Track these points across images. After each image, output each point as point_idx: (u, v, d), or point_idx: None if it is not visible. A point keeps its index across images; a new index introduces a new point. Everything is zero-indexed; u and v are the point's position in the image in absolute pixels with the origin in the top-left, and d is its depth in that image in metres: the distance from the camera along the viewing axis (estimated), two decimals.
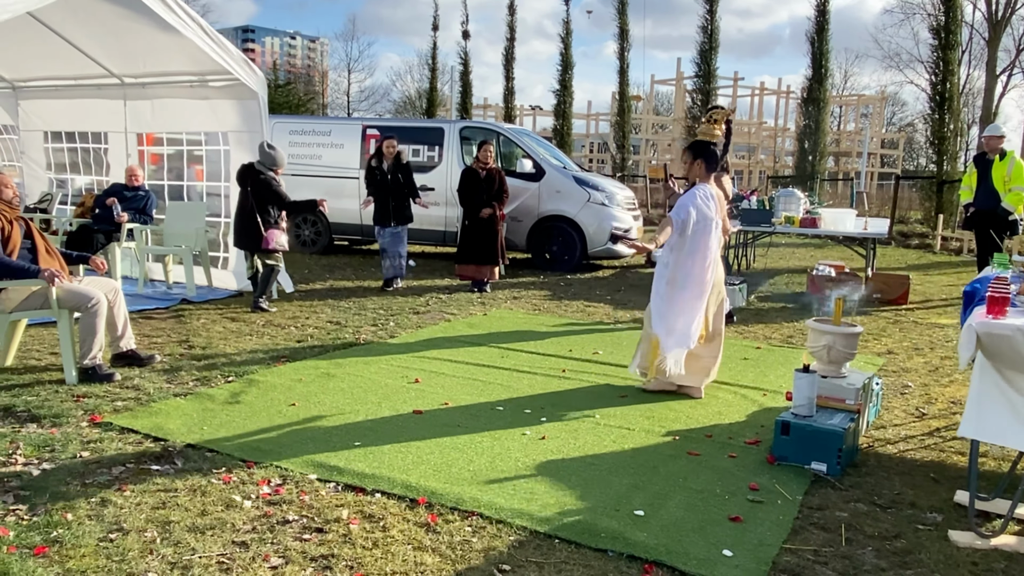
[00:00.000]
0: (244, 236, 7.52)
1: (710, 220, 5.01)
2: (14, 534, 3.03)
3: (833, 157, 41.06)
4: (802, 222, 9.66)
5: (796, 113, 27.32)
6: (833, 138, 41.66)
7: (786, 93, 38.95)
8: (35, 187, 10.62)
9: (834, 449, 3.92)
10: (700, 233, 4.99)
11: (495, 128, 11.85)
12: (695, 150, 5.14)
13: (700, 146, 5.14)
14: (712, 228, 5.03)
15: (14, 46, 8.87)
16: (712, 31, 22.43)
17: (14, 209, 5.17)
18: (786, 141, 40.10)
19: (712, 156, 5.12)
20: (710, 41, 22.57)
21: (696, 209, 4.95)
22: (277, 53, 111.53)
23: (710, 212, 5.01)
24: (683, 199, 5.04)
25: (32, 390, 4.88)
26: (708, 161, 5.11)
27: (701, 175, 5.12)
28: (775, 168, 36.38)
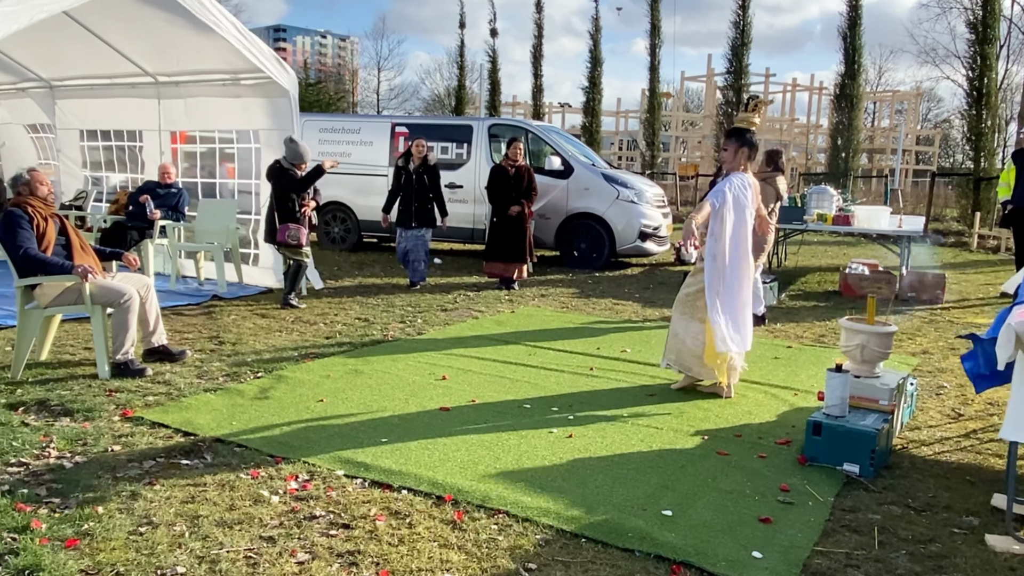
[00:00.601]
0: (267, 230, 7.67)
1: (744, 209, 4.94)
2: (46, 526, 3.07)
3: (867, 154, 40.45)
4: (835, 219, 9.52)
5: (829, 109, 26.96)
6: (867, 135, 41.06)
7: (819, 89, 38.44)
8: (71, 185, 10.79)
9: (867, 450, 3.85)
10: (738, 221, 4.92)
11: (524, 125, 11.82)
12: (740, 137, 5.01)
13: (742, 133, 5.03)
14: (747, 217, 4.96)
15: (51, 45, 9.01)
16: (744, 27, 22.19)
17: (49, 206, 5.25)
18: (819, 138, 39.59)
19: (754, 145, 5.05)
20: (742, 37, 22.33)
21: (732, 194, 4.88)
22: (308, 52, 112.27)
23: (746, 200, 4.94)
24: (719, 184, 4.98)
25: (66, 384, 4.95)
26: (751, 149, 5.03)
27: (742, 163, 5.03)
28: (807, 165, 35.93)
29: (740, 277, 4.95)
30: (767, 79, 34.92)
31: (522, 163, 9.02)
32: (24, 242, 4.96)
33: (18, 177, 5.23)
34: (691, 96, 54.75)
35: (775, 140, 37.25)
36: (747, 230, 4.98)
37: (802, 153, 39.30)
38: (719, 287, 4.91)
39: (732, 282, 4.92)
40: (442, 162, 11.34)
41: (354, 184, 11.85)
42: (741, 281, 4.95)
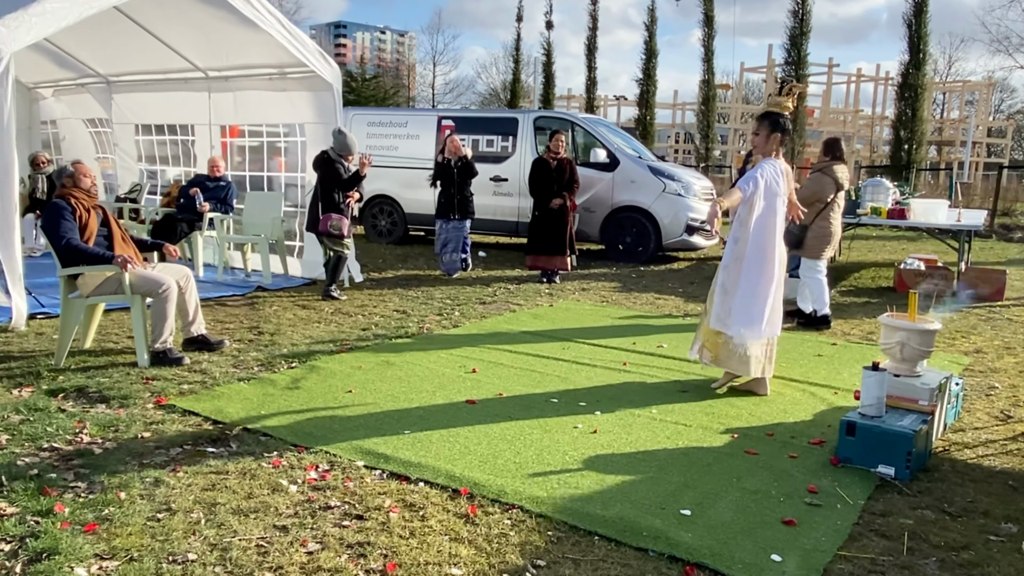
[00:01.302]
0: (309, 220, 7.74)
1: (776, 196, 4.80)
2: (69, 511, 3.14)
3: (935, 146, 39.17)
4: (890, 213, 9.21)
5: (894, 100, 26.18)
6: (935, 126, 39.72)
7: (884, 80, 37.30)
8: (127, 178, 11.09)
9: (903, 452, 3.70)
10: (767, 209, 4.78)
11: (569, 118, 11.73)
12: (772, 122, 4.85)
13: (776, 118, 4.87)
14: (779, 205, 4.82)
15: (108, 42, 9.26)
16: (803, 15, 21.63)
17: (92, 198, 5.38)
18: (884, 130, 38.43)
19: (787, 130, 4.90)
20: (801, 26, 21.77)
21: (764, 181, 4.74)
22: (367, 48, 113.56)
23: (778, 188, 4.80)
24: (751, 171, 4.84)
25: (106, 372, 5.08)
26: (784, 134, 4.88)
27: (774, 149, 4.88)
28: (872, 158, 34.93)
29: (762, 265, 4.79)
30: (830, 69, 34.05)
31: (564, 155, 8.95)
32: (66, 233, 5.09)
33: (63, 170, 5.38)
34: (751, 88, 53.76)
35: (838, 132, 36.37)
36: (776, 219, 4.83)
37: (867, 145, 38.24)
38: (735, 270, 4.80)
39: (752, 269, 4.78)
40: (487, 155, 11.36)
41: (401, 177, 11.92)
42: (762, 269, 4.80)
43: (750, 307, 4.80)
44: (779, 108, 4.96)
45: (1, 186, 5.80)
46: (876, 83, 37.55)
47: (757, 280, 4.80)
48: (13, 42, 5.63)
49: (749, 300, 4.80)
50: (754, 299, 4.80)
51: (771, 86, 31.89)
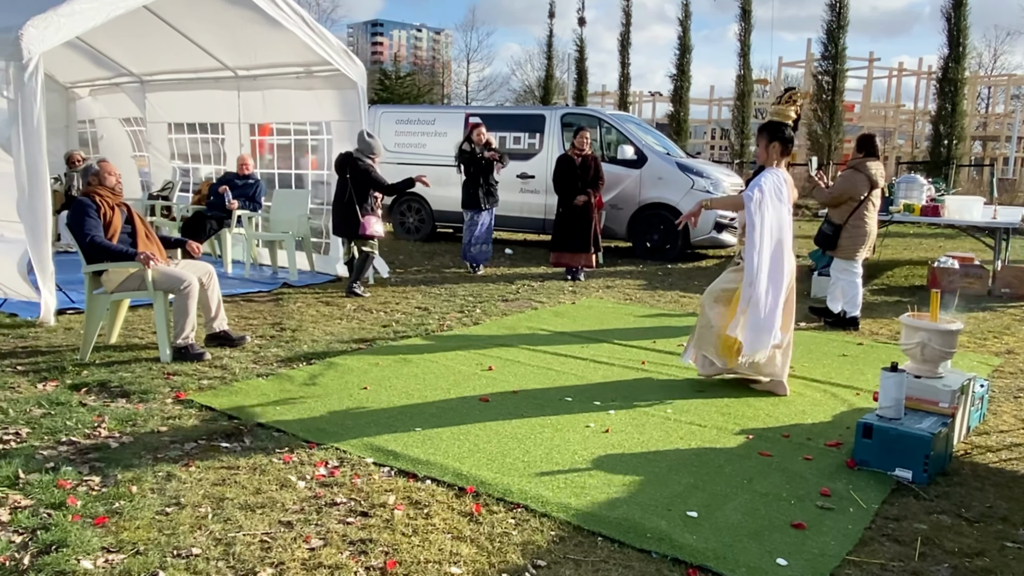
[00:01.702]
0: (342, 223, 7.70)
1: (781, 205, 4.73)
2: (81, 504, 3.19)
3: (980, 141, 38.24)
4: (923, 210, 9.02)
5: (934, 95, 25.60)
6: (979, 121, 38.77)
7: (927, 74, 36.50)
8: (160, 176, 11.27)
9: (921, 455, 3.62)
10: (774, 219, 4.70)
11: (597, 114, 11.67)
12: (771, 132, 4.87)
13: (776, 128, 4.88)
14: (785, 214, 4.74)
15: (141, 42, 9.43)
16: (840, 8, 21.30)
17: (116, 195, 5.47)
18: (926, 125, 37.63)
19: (789, 139, 4.85)
20: (838, 19, 21.45)
21: (766, 192, 4.68)
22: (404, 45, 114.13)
23: (782, 196, 4.74)
24: (754, 181, 4.78)
25: (128, 367, 5.16)
26: (784, 144, 4.84)
27: (775, 158, 4.86)
28: (913, 153, 34.23)
29: (773, 277, 4.70)
30: (871, 63, 33.43)
31: (589, 152, 8.90)
32: (91, 230, 5.19)
33: (88, 168, 5.48)
34: (790, 83, 52.98)
35: (879, 127, 35.69)
36: (783, 229, 4.75)
37: (908, 140, 37.48)
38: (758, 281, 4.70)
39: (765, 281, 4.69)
40: (515, 152, 11.35)
41: (428, 174, 11.89)
42: (774, 281, 4.71)
43: (768, 321, 4.71)
44: (780, 117, 4.95)
45: (32, 184, 5.93)
46: (918, 77, 36.76)
47: (771, 292, 4.72)
48: (42, 42, 5.75)
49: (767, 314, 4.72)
50: (771, 312, 4.72)
51: (808, 81, 31.40)
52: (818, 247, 7.19)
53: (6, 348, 5.50)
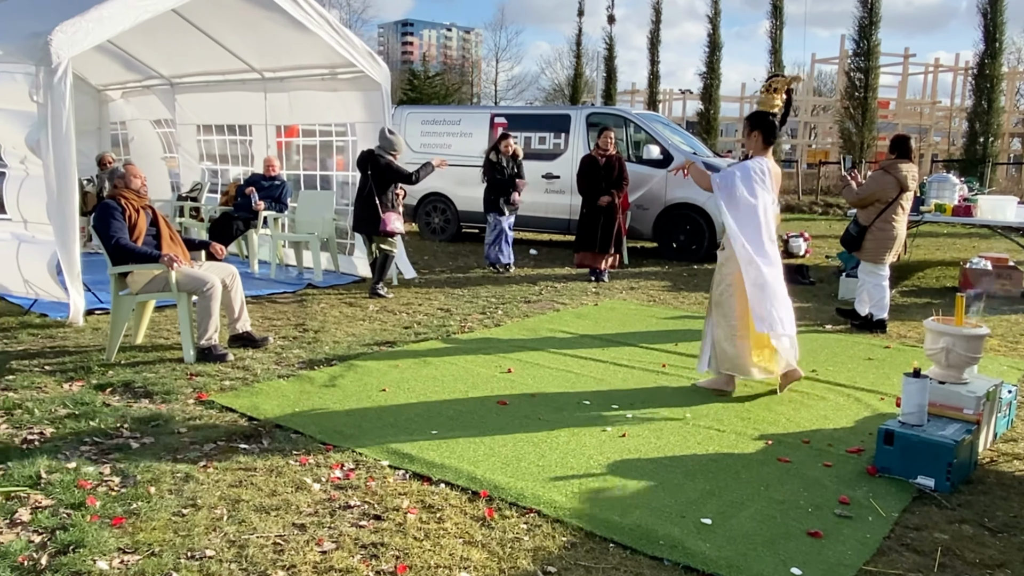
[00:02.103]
0: (362, 220, 7.74)
1: (765, 194, 4.73)
2: (100, 504, 3.24)
3: (1020, 139, 37.41)
4: (955, 210, 8.86)
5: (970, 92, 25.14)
6: (1019, 118, 37.93)
7: (963, 70, 35.81)
8: (190, 177, 11.42)
9: (943, 463, 3.55)
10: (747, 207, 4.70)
11: (623, 114, 11.61)
12: (752, 121, 4.90)
13: (757, 117, 4.89)
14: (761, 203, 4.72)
15: (169, 45, 9.55)
16: (872, 4, 20.97)
17: (142, 198, 5.55)
18: (962, 122, 36.93)
19: (770, 127, 4.84)
20: (870, 15, 21.15)
21: (742, 181, 4.70)
22: (433, 45, 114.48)
23: (763, 187, 4.72)
24: (732, 168, 4.85)
25: (153, 367, 5.24)
26: (765, 132, 4.84)
27: (758, 147, 4.86)
28: (949, 151, 33.60)
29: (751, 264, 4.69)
30: (906, 60, 32.86)
31: (613, 152, 8.86)
32: (116, 232, 5.27)
33: (115, 171, 5.57)
34: (823, 79, 52.30)
35: (914, 125, 35.08)
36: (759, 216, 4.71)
37: (945, 138, 36.80)
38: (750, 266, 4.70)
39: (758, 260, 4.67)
40: (540, 152, 11.34)
41: (454, 175, 11.97)
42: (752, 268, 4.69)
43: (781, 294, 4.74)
44: (765, 106, 4.93)
45: (61, 186, 6.03)
46: (955, 73, 36.06)
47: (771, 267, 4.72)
48: (71, 47, 5.84)
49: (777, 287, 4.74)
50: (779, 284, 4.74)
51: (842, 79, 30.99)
52: (844, 247, 7.08)
53: (35, 348, 5.61)
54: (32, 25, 6.19)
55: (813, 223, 17.25)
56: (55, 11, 6.30)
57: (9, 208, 6.94)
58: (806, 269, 9.42)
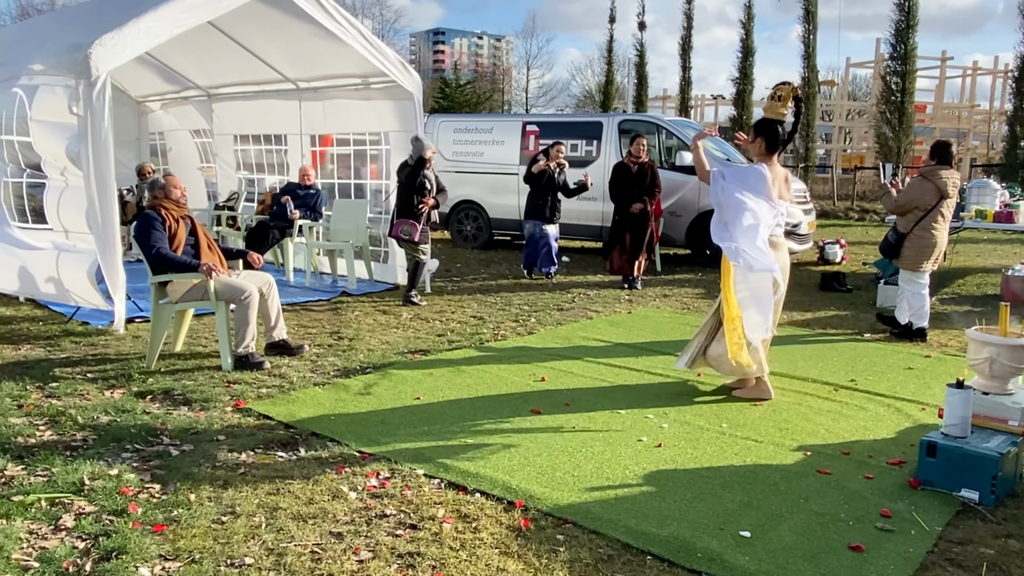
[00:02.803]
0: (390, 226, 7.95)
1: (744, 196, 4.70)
2: (142, 511, 3.29)
3: None
4: (996, 216, 8.70)
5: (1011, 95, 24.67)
6: None
7: (1004, 72, 35.16)
8: (227, 186, 11.58)
9: (988, 476, 3.48)
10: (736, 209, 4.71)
11: (655, 121, 11.56)
12: (757, 128, 4.95)
13: (763, 124, 4.94)
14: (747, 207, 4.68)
15: (206, 56, 9.71)
16: (910, 7, 20.66)
17: (181, 208, 5.63)
18: (1002, 126, 36.24)
19: (774, 135, 4.88)
20: (907, 19, 20.82)
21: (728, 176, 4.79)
22: (465, 53, 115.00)
23: (757, 192, 4.71)
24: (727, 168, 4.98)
25: (191, 375, 5.31)
26: (769, 139, 4.88)
27: (761, 153, 4.89)
28: (988, 155, 32.99)
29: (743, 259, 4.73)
30: (943, 63, 32.37)
31: (646, 159, 8.83)
32: (157, 242, 5.35)
33: (155, 182, 5.66)
34: (858, 84, 51.64)
35: (952, 129, 34.51)
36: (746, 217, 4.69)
37: (984, 142, 36.15)
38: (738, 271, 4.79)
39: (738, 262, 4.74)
40: (572, 159, 11.31)
41: (486, 183, 12.03)
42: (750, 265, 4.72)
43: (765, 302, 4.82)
44: (771, 114, 4.96)
45: (102, 196, 6.14)
46: (994, 76, 35.44)
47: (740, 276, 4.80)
48: (110, 60, 5.96)
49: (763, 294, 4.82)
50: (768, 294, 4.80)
51: (877, 84, 30.57)
52: (882, 255, 6.97)
53: (77, 356, 5.72)
54: (72, 39, 6.32)
55: (849, 229, 17.03)
56: (94, 25, 6.44)
57: (50, 218, 7.09)
58: (843, 276, 9.30)
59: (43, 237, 7.09)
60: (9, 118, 6.88)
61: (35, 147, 6.88)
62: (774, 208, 4.79)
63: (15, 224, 7.30)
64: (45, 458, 3.77)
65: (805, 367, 5.70)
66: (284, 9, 7.43)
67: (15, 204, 7.41)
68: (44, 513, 3.24)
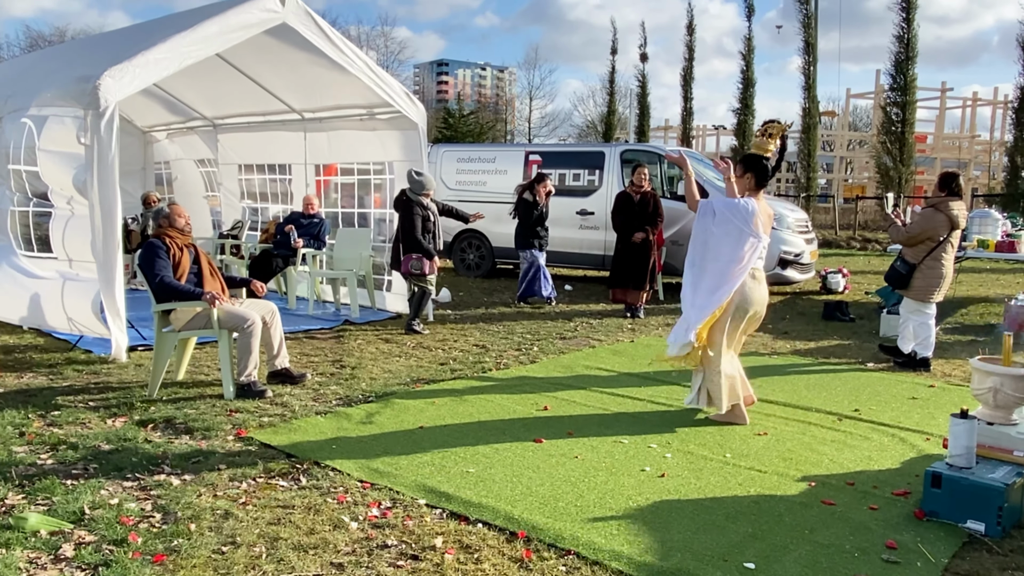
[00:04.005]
0: (393, 258, 8.02)
1: (744, 233, 4.81)
2: (142, 540, 3.27)
3: None
4: (998, 246, 8.71)
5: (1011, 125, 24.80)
6: None
7: (1003, 103, 35.39)
8: (231, 215, 11.64)
9: (994, 507, 3.45)
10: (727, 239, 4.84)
11: (656, 150, 11.63)
12: (745, 163, 5.04)
13: (751, 159, 5.05)
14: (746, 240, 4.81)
15: (213, 87, 9.82)
16: (909, 40, 20.89)
17: (186, 236, 5.66)
18: (1003, 156, 36.38)
19: (763, 172, 4.98)
20: (907, 50, 21.04)
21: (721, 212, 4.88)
22: (468, 84, 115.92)
23: (744, 225, 4.81)
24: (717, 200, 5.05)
25: (193, 403, 5.30)
26: (758, 175, 4.98)
27: (750, 189, 4.99)
28: (989, 186, 33.09)
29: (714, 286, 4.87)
30: (943, 93, 32.62)
31: (648, 188, 8.88)
32: (160, 270, 5.38)
33: (160, 211, 5.70)
34: (858, 114, 52.01)
35: (953, 159, 34.65)
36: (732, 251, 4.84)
37: (985, 172, 36.29)
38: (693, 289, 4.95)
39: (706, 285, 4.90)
40: (575, 189, 11.41)
41: (489, 212, 11.98)
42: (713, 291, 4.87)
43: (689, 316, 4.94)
44: (758, 150, 5.07)
45: (105, 225, 6.17)
46: (994, 107, 35.67)
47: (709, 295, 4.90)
48: (119, 91, 6.02)
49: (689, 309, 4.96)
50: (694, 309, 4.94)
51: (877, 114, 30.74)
52: (889, 285, 6.96)
53: (79, 384, 5.71)
54: (81, 70, 6.39)
55: (851, 258, 17.05)
56: (103, 56, 6.52)
57: (55, 247, 7.13)
58: (845, 306, 9.29)
59: (48, 266, 7.13)
60: (18, 148, 6.94)
61: (43, 176, 6.94)
62: (758, 242, 4.87)
63: (21, 253, 7.33)
64: (46, 487, 3.76)
65: (808, 396, 5.68)
66: (291, 41, 7.52)
67: (21, 233, 7.46)
68: (44, 543, 3.22)
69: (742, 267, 4.85)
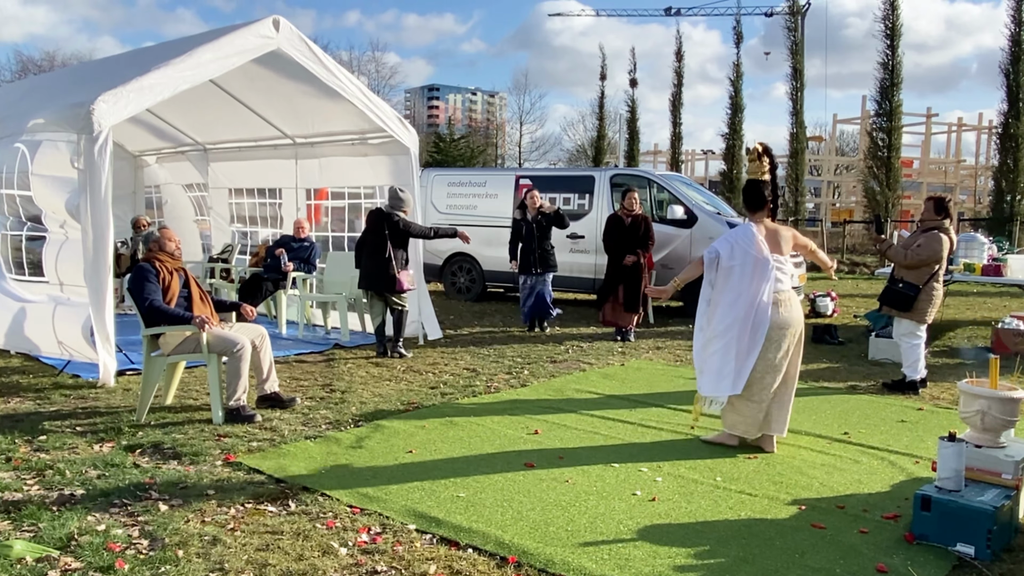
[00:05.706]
0: (376, 278, 7.62)
1: (751, 258, 4.84)
2: (129, 567, 3.24)
3: None
4: (984, 269, 8.78)
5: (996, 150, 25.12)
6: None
7: (987, 129, 35.85)
8: (220, 239, 11.64)
9: (983, 529, 3.46)
10: (738, 272, 4.83)
11: (646, 175, 11.72)
12: (742, 191, 5.21)
13: (746, 187, 5.17)
14: (751, 267, 4.82)
15: (204, 113, 9.86)
16: (893, 66, 21.18)
17: (176, 260, 5.66)
18: (988, 180, 36.78)
19: (753, 195, 5.05)
20: (891, 77, 21.33)
21: (730, 246, 4.89)
22: (459, 108, 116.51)
23: (751, 251, 4.85)
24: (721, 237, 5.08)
25: (182, 428, 5.27)
26: (747, 200, 5.09)
27: (752, 213, 5.08)
28: (976, 210, 33.42)
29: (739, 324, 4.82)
30: (928, 119, 33.02)
31: (639, 212, 8.94)
32: (150, 294, 5.37)
33: (150, 235, 5.71)
34: (845, 139, 52.57)
35: (939, 183, 35.00)
36: (748, 281, 4.83)
37: (971, 196, 36.67)
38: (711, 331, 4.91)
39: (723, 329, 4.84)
40: (565, 213, 11.42)
41: (479, 235, 12.05)
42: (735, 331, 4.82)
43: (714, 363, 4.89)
44: (754, 174, 5.18)
45: (97, 249, 6.17)
46: (978, 132, 36.12)
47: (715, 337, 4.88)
48: (112, 116, 6.05)
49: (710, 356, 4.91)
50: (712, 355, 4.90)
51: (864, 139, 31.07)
52: (892, 308, 6.83)
53: (67, 409, 5.67)
54: (75, 95, 6.42)
55: (840, 282, 17.14)
56: (97, 81, 6.56)
57: (48, 271, 7.11)
58: (834, 329, 9.34)
59: (39, 290, 7.11)
60: (10, 172, 6.95)
61: (35, 200, 6.94)
62: (767, 262, 4.85)
63: (10, 277, 7.31)
64: (32, 513, 3.72)
65: (798, 420, 5.69)
66: (284, 67, 7.57)
67: (12, 257, 7.44)
68: (30, 570, 3.19)
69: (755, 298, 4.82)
